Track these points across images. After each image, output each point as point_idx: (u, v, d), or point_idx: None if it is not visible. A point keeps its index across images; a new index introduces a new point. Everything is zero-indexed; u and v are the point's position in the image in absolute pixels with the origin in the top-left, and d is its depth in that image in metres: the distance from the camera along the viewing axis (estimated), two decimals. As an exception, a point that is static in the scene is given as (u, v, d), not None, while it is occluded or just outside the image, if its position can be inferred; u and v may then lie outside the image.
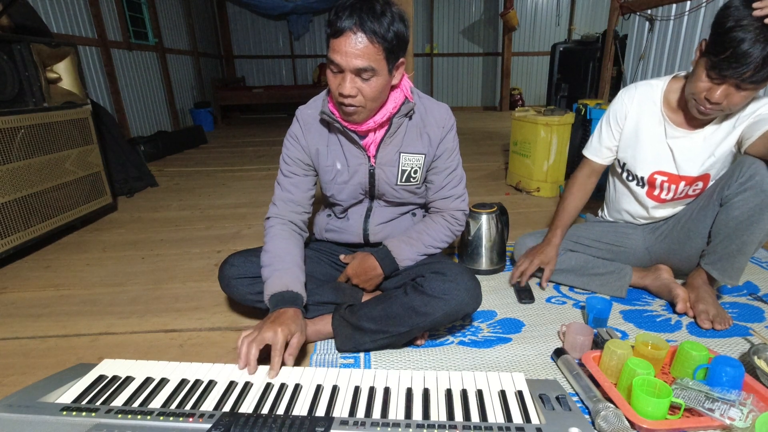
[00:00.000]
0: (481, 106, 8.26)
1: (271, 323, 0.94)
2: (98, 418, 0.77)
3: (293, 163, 1.19)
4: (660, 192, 1.36)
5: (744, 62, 1.00)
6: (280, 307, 0.99)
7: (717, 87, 1.08)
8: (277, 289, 1.02)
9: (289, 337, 0.93)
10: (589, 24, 7.67)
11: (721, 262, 1.23)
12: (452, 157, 1.20)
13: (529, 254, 1.45)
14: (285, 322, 0.94)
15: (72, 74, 2.15)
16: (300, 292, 1.04)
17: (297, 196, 1.20)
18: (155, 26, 4.98)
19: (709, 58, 1.06)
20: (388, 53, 0.97)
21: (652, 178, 1.34)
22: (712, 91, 1.09)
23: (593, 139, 1.45)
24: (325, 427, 0.74)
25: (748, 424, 0.81)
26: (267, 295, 1.03)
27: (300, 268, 1.10)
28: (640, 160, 1.34)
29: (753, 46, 0.98)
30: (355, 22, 0.92)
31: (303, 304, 1.04)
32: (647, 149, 1.33)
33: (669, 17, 2.55)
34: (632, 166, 1.37)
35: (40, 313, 1.42)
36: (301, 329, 0.96)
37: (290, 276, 1.05)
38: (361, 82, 0.98)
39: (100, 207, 2.31)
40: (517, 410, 0.80)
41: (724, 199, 1.21)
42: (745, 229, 1.16)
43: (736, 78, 1.03)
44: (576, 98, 4.19)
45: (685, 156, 1.28)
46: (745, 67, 1.00)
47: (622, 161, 1.40)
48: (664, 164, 1.32)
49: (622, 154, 1.40)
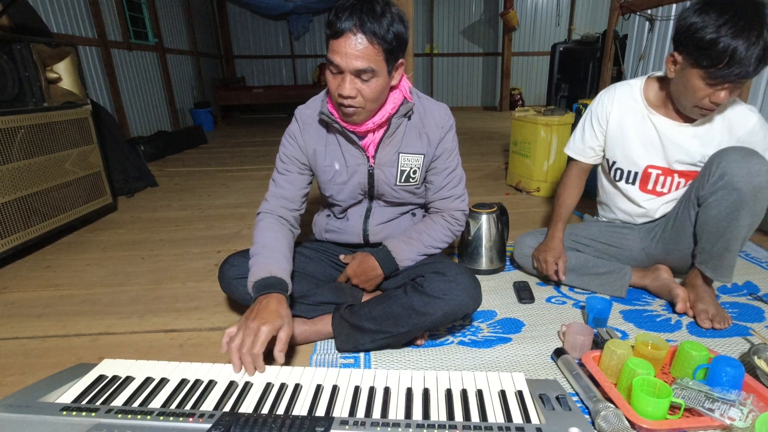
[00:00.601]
0: (481, 106, 8.26)
1: (253, 320, 0.90)
2: (98, 418, 0.77)
3: (289, 161, 1.19)
4: (655, 185, 1.36)
5: (746, 64, 1.02)
6: (262, 293, 0.96)
7: (720, 90, 1.09)
8: (261, 275, 0.99)
9: (274, 333, 0.90)
10: (589, 24, 7.67)
11: (711, 261, 1.24)
12: (452, 157, 1.20)
13: (541, 253, 1.44)
14: (267, 317, 0.90)
15: (72, 74, 2.15)
16: (284, 279, 1.00)
17: (290, 193, 1.19)
18: (155, 26, 4.98)
19: (705, 71, 1.07)
20: (388, 54, 0.97)
21: (647, 172, 1.35)
22: (717, 95, 1.10)
23: (575, 138, 1.47)
24: (325, 427, 0.74)
25: (748, 424, 0.81)
26: (250, 283, 1.00)
27: (285, 258, 1.07)
28: (632, 156, 1.35)
29: (747, 47, 1.00)
30: (355, 23, 0.92)
31: (288, 291, 1.00)
32: (637, 145, 1.34)
33: (669, 17, 2.55)
34: (623, 164, 1.38)
35: (40, 313, 1.42)
36: (287, 320, 0.92)
37: (274, 263, 1.03)
38: (361, 83, 0.98)
39: (100, 207, 2.31)
40: (517, 410, 0.80)
41: (700, 199, 1.23)
42: (726, 228, 1.18)
43: (741, 78, 1.05)
44: (576, 98, 4.19)
45: (676, 148, 1.29)
46: (748, 67, 1.03)
47: (611, 160, 1.41)
48: (656, 158, 1.33)
49: (609, 154, 1.41)
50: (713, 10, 1.04)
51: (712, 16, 1.03)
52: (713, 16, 1.03)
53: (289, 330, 0.93)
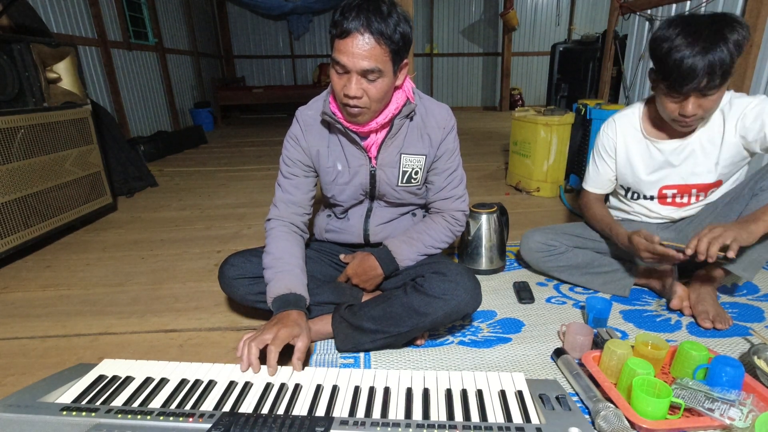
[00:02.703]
0: (481, 106, 8.26)
1: (274, 325, 0.93)
2: (98, 418, 0.77)
3: (293, 164, 1.19)
4: (674, 199, 1.36)
5: (694, 76, 1.05)
6: (283, 309, 0.99)
7: (685, 102, 1.12)
8: (280, 292, 1.02)
9: (291, 338, 0.92)
10: (589, 24, 7.67)
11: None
12: (453, 157, 1.20)
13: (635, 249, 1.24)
14: (287, 324, 0.94)
15: (72, 74, 2.15)
16: (303, 294, 1.03)
17: (297, 198, 1.20)
18: (155, 26, 4.98)
19: (666, 85, 1.11)
20: (394, 54, 0.97)
21: (662, 193, 1.35)
22: (684, 107, 1.13)
23: (590, 173, 1.47)
24: (325, 427, 0.74)
25: (747, 424, 0.81)
26: (270, 298, 1.03)
27: (302, 270, 1.10)
28: (645, 181, 1.35)
29: (694, 59, 1.03)
30: (362, 23, 0.91)
31: (306, 306, 1.03)
32: (646, 172, 1.34)
33: (669, 17, 2.55)
34: (638, 189, 1.39)
35: (40, 313, 1.42)
36: (305, 331, 0.96)
37: (292, 278, 1.05)
38: (367, 84, 0.98)
39: (100, 207, 2.31)
40: (517, 410, 0.80)
41: (756, 190, 1.20)
42: None
43: (695, 90, 1.08)
44: (576, 98, 4.18)
45: (684, 167, 1.28)
46: (698, 79, 1.05)
47: (625, 186, 1.42)
48: (668, 178, 1.32)
49: (622, 181, 1.42)
50: (673, 25, 1.08)
51: (670, 31, 1.08)
52: (671, 31, 1.08)
53: (307, 341, 0.95)
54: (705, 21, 1.06)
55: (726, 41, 1.02)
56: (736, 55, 1.04)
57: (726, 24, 1.04)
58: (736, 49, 1.03)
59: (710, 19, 1.06)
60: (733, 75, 1.09)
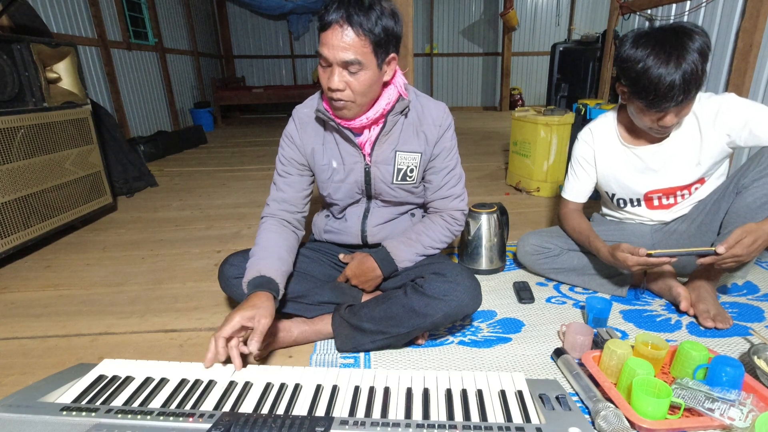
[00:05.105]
0: (481, 106, 8.26)
1: (234, 311, 0.91)
2: (98, 418, 0.77)
3: (288, 163, 1.19)
4: (660, 201, 1.36)
5: (673, 93, 1.06)
6: (251, 292, 0.98)
7: (664, 115, 1.14)
8: (251, 276, 1.01)
9: (245, 321, 0.89)
10: (589, 24, 7.67)
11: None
12: (450, 156, 1.20)
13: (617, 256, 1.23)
14: (243, 307, 0.92)
15: (72, 74, 2.15)
16: (272, 277, 1.01)
17: (291, 196, 1.20)
18: (155, 26, 4.98)
19: (642, 102, 1.12)
20: (376, 47, 0.97)
21: (648, 197, 1.36)
22: (663, 120, 1.15)
23: (570, 183, 1.46)
24: (325, 427, 0.74)
25: (747, 424, 0.81)
26: (244, 285, 1.02)
27: (279, 258, 1.07)
28: (629, 186, 1.36)
29: (672, 78, 1.04)
30: (341, 15, 0.93)
31: (277, 289, 1.00)
32: (629, 177, 1.34)
33: (669, 17, 2.55)
34: (623, 194, 1.39)
35: (40, 313, 1.42)
36: (262, 312, 0.92)
37: (266, 263, 1.04)
38: (349, 76, 0.98)
39: (100, 207, 2.31)
40: (517, 410, 0.80)
41: (740, 187, 1.21)
42: (754, 216, 1.14)
43: (675, 106, 1.09)
44: (576, 98, 4.18)
45: (665, 170, 1.29)
46: (677, 96, 1.07)
47: (609, 193, 1.42)
48: (652, 183, 1.33)
49: (606, 188, 1.42)
50: (640, 44, 1.09)
51: (639, 50, 1.09)
52: (640, 50, 1.08)
53: (265, 321, 0.91)
54: (668, 35, 1.07)
55: (690, 52, 1.04)
56: (702, 62, 1.06)
57: (685, 34, 1.06)
58: (700, 56, 1.05)
59: (671, 33, 1.07)
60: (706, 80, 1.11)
